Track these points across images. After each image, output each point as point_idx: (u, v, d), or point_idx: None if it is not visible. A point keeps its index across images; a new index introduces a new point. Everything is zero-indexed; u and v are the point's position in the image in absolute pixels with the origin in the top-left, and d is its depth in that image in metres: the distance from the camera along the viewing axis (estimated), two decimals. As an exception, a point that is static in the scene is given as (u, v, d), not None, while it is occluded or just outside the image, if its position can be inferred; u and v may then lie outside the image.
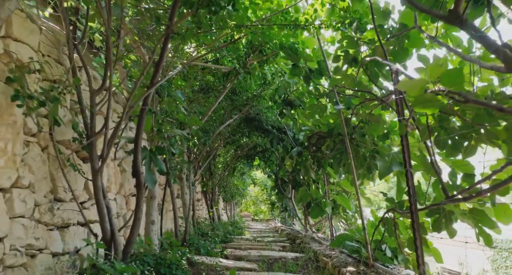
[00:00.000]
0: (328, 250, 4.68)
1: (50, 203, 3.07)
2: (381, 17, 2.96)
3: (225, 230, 9.28)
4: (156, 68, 3.29)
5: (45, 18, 3.51)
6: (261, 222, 25.35)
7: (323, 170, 5.03)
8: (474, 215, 2.38)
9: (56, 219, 3.12)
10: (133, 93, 3.07)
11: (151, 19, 3.39)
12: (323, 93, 4.13)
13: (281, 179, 10.00)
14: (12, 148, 2.62)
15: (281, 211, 13.43)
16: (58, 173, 3.16)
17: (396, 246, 3.33)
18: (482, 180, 2.04)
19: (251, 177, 18.95)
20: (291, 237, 8.03)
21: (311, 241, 6.11)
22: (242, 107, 7.08)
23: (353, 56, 3.31)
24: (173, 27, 3.23)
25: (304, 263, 4.43)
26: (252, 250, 5.71)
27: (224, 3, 3.39)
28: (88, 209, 3.70)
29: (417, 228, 2.45)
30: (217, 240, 6.11)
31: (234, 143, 10.12)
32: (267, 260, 4.76)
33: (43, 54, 3.14)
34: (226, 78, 5.66)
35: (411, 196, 2.52)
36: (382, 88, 3.28)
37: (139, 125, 3.32)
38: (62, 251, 3.21)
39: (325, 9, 3.82)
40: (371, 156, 3.74)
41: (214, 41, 4.23)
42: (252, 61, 5.23)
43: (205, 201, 10.76)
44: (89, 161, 3.09)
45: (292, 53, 4.16)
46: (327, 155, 4.69)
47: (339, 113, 3.66)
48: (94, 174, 3.02)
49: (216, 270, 3.72)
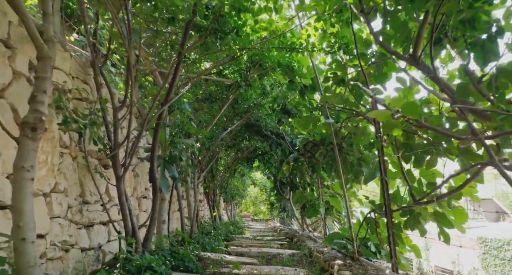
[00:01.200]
0: (321, 247, 5.17)
1: (80, 205, 3.56)
2: (363, 46, 3.45)
3: (227, 229, 9.76)
4: (169, 88, 3.78)
5: (70, 42, 4.02)
6: (260, 222, 25.84)
7: (317, 174, 5.53)
8: (436, 216, 2.88)
9: (84, 219, 3.61)
10: (151, 110, 3.56)
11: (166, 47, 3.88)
12: (316, 106, 4.63)
13: (280, 180, 10.49)
14: (51, 159, 3.11)
15: (280, 211, 13.91)
16: (85, 179, 3.65)
17: (378, 242, 3.83)
18: (436, 188, 2.54)
19: (250, 177, 19.44)
20: (289, 236, 8.53)
21: (307, 239, 6.60)
22: (243, 114, 7.58)
23: (341, 78, 3.81)
24: (184, 53, 3.73)
25: (300, 259, 4.92)
26: (252, 247, 6.21)
27: (229, 30, 3.90)
28: (109, 210, 4.19)
29: (390, 226, 2.95)
30: (221, 238, 6.60)
31: (235, 146, 10.61)
32: (266, 256, 5.26)
33: (72, 77, 3.63)
34: (229, 89, 6.16)
35: (386, 199, 3.01)
36: (365, 105, 3.78)
37: (155, 137, 3.81)
38: (88, 246, 3.70)
39: (318, 34, 4.32)
40: (357, 163, 4.24)
41: (219, 58, 4.71)
42: (253, 74, 5.72)
43: (207, 201, 11.25)
44: (113, 169, 3.58)
45: (289, 71, 4.66)
46: (320, 161, 5.19)
47: (329, 126, 4.16)
48: (118, 180, 3.51)
49: (221, 263, 4.22)
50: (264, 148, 10.39)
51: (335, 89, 3.97)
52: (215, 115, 6.14)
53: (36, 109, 2.22)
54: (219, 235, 7.24)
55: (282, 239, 8.69)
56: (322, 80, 4.04)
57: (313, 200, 5.78)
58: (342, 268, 3.46)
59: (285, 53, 4.31)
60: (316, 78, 4.43)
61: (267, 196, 20.62)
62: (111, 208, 4.26)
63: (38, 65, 2.36)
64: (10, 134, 2.19)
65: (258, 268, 4.15)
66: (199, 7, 3.64)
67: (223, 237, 7.27)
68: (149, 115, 3.60)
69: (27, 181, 2.13)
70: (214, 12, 3.73)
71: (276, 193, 11.06)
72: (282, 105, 6.56)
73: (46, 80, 2.32)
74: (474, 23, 1.90)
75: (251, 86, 5.93)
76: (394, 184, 3.93)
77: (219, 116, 5.95)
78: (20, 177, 2.11)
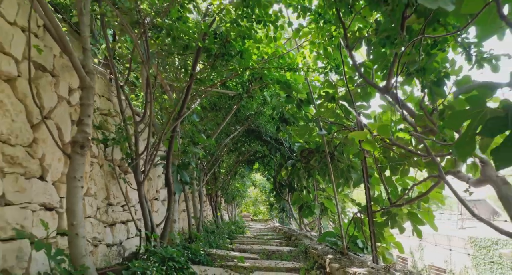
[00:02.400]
0: (316, 244, 5.73)
1: (106, 206, 4.12)
2: (351, 70, 4.01)
3: (229, 229, 10.32)
4: (182, 104, 4.35)
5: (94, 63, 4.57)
6: (260, 222, 26.38)
7: (313, 178, 6.09)
8: (410, 216, 3.43)
9: (109, 218, 4.16)
10: (167, 125, 4.12)
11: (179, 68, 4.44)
12: (311, 119, 5.19)
13: (279, 182, 11.05)
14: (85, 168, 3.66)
15: (279, 211, 14.46)
16: (110, 184, 4.21)
17: (364, 239, 4.39)
18: (405, 194, 3.10)
19: (250, 179, 19.99)
20: (287, 235, 9.09)
21: (304, 238, 7.16)
22: (244, 121, 8.15)
23: (332, 95, 4.37)
24: (195, 75, 4.29)
25: (297, 254, 5.48)
26: (254, 245, 6.77)
27: (234, 53, 4.46)
28: (127, 211, 4.74)
29: (371, 224, 3.51)
30: (225, 236, 7.17)
31: (237, 150, 11.17)
32: (267, 252, 5.81)
33: (99, 95, 4.19)
34: (232, 100, 6.73)
35: (368, 202, 3.58)
36: (353, 120, 4.34)
37: (170, 147, 4.37)
38: (112, 242, 4.25)
39: (312, 55, 4.89)
40: (347, 170, 4.80)
41: (224, 75, 5.27)
42: (254, 87, 6.29)
43: (210, 202, 11.81)
44: (134, 175, 4.14)
45: (286, 87, 5.23)
46: (315, 167, 5.75)
47: (323, 136, 4.72)
48: (139, 185, 4.07)
49: (227, 258, 4.77)
50: (264, 151, 10.96)
51: (327, 105, 4.53)
52: (219, 123, 6.71)
53: (83, 130, 2.78)
54: (222, 233, 7.80)
55: (281, 238, 9.25)
56: (316, 97, 4.60)
57: (309, 202, 6.34)
58: (332, 261, 4.02)
59: (283, 73, 4.87)
60: (311, 94, 4.99)
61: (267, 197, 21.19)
62: (129, 209, 4.81)
63: (82, 94, 2.91)
64: (63, 151, 2.75)
65: (260, 262, 4.70)
66: (209, 34, 4.20)
67: (226, 235, 7.83)
68: (165, 130, 4.15)
69: (78, 188, 2.68)
70: (222, 38, 4.29)
71: (276, 194, 11.62)
72: (280, 114, 7.12)
73: (90, 106, 2.88)
74: (425, 71, 2.46)
75: (252, 97, 6.49)
76: (379, 188, 4.49)
77: (223, 125, 6.50)
78: (73, 185, 2.66)
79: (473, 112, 1.62)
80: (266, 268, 4.24)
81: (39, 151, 2.90)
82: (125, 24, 3.70)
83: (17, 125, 2.66)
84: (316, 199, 6.43)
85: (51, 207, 3.09)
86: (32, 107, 2.80)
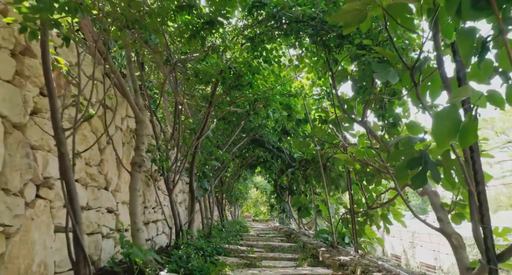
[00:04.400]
0: (312, 240, 6.76)
1: (143, 209, 5.15)
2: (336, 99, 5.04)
3: (234, 228, 11.35)
4: (203, 126, 5.38)
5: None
6: (261, 222, 27.38)
7: (309, 184, 7.13)
8: (382, 217, 4.46)
9: (145, 218, 5.19)
10: (193, 143, 5.15)
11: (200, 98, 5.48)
12: (307, 135, 6.23)
13: (280, 185, 12.10)
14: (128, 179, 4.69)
15: (280, 212, 15.49)
16: (146, 191, 5.24)
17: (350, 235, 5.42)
18: (376, 200, 4.13)
19: (252, 181, 21.03)
20: (288, 233, 10.12)
21: (302, 235, 8.19)
22: (249, 132, 9.19)
23: (324, 119, 5.40)
24: (214, 102, 5.33)
25: (296, 249, 6.50)
26: (259, 241, 7.80)
27: (245, 83, 5.50)
28: (157, 212, 5.78)
29: (353, 223, 4.54)
30: (233, 234, 8.21)
31: (241, 156, 12.21)
32: (270, 247, 6.84)
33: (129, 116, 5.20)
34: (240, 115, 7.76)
35: (351, 205, 4.61)
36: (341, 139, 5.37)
37: (193, 161, 5.40)
38: (147, 238, 5.28)
39: (308, 83, 5.93)
40: (337, 178, 5.84)
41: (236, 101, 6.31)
42: (259, 105, 7.33)
43: (216, 204, 12.83)
44: (165, 184, 5.16)
45: (287, 108, 6.27)
46: (311, 174, 6.79)
47: (317, 151, 5.76)
48: (169, 191, 5.09)
49: (238, 251, 5.80)
50: (266, 156, 12.01)
51: (321, 126, 5.57)
52: (229, 135, 7.74)
53: (140, 154, 3.80)
54: (230, 232, 8.84)
55: (282, 236, 10.28)
56: (311, 120, 5.65)
57: (306, 204, 7.37)
58: (324, 252, 5.05)
59: (285, 98, 5.92)
60: (307, 115, 6.03)
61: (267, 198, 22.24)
62: (158, 210, 5.85)
63: (137, 126, 3.94)
64: (127, 170, 3.78)
65: (265, 254, 5.74)
66: (225, 70, 5.23)
67: (234, 233, 8.88)
68: (190, 147, 5.19)
69: (137, 196, 3.71)
70: (235, 73, 5.32)
71: (276, 196, 12.66)
72: (282, 127, 8.16)
73: (143, 136, 3.91)
74: (384, 116, 3.48)
75: (257, 114, 7.53)
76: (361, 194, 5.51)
77: (233, 138, 7.54)
78: (134, 194, 3.69)
79: (405, 152, 2.66)
80: (271, 257, 5.27)
81: (105, 169, 3.93)
82: (159, 62, 4.73)
83: (93, 151, 3.69)
84: (313, 201, 7.46)
85: (112, 210, 4.12)
86: (98, 135, 3.83)
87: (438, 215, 3.09)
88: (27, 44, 2.73)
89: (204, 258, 3.82)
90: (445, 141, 1.89)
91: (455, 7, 1.72)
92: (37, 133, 2.78)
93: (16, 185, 2.47)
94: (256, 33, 4.66)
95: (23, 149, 2.59)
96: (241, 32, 4.80)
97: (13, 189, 2.43)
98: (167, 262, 3.45)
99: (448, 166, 2.62)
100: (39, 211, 2.74)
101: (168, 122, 6.46)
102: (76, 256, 2.47)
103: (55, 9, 1.97)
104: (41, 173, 2.77)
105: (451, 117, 1.85)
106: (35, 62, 2.79)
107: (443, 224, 3.00)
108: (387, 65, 3.20)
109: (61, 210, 3.05)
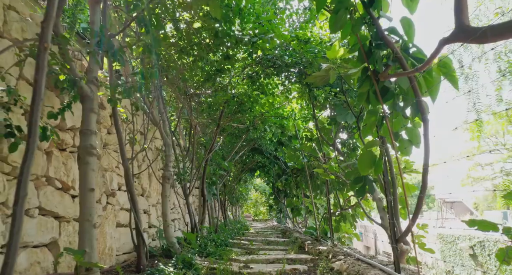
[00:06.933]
0: (302, 236, 8.10)
1: (165, 210, 6.47)
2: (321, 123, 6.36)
3: (235, 227, 12.69)
4: (212, 143, 6.71)
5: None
6: (260, 221, 28.75)
7: (300, 189, 8.46)
8: (352, 217, 5.79)
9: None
10: (204, 158, 6.49)
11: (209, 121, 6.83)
12: (297, 149, 7.58)
13: (277, 188, 13.44)
14: (157, 187, 6.03)
15: (277, 212, 16.83)
16: (167, 196, 6.56)
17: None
18: (344, 203, 5.45)
19: (252, 183, 22.37)
20: (283, 231, 11.47)
21: (295, 232, 9.53)
22: (249, 142, 10.53)
23: (310, 138, 6.74)
24: (222, 125, 6.67)
25: (288, 242, 7.85)
26: (258, 237, 9.14)
27: (246, 108, 6.84)
28: (174, 213, 7.11)
29: (330, 220, 5.87)
30: (236, 231, 9.55)
31: (242, 162, 13.55)
32: (267, 241, 8.17)
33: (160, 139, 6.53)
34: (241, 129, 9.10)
35: (328, 206, 5.94)
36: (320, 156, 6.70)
37: (204, 171, 6.74)
38: (168, 233, 6.60)
39: (297, 107, 7.27)
40: (321, 185, 7.17)
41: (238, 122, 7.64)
42: (258, 121, 8.66)
43: (219, 205, 14.15)
44: (182, 190, 6.49)
45: (281, 127, 7.61)
46: (301, 181, 8.12)
47: (305, 163, 7.08)
48: (186, 196, 6.43)
49: (240, 244, 7.13)
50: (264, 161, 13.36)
51: (306, 143, 6.91)
52: (233, 147, 9.08)
53: (168, 170, 5.13)
54: (232, 229, 10.18)
55: (278, 233, 11.62)
56: (300, 139, 6.99)
57: (298, 205, 8.70)
58: (309, 244, 6.39)
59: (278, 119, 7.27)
60: (296, 133, 7.37)
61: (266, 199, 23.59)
62: (175, 211, 7.19)
63: (165, 148, 5.27)
64: (159, 181, 5.10)
65: (263, 246, 7.08)
66: (230, 100, 6.56)
67: (236, 231, 10.23)
68: (202, 160, 6.53)
69: (168, 201, 5.04)
70: (238, 101, 6.66)
71: (274, 198, 14.01)
72: (277, 139, 9.50)
73: (170, 156, 5.24)
74: (346, 143, 4.82)
75: (256, 129, 8.87)
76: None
77: (235, 149, 8.88)
78: (165, 200, 5.02)
79: (353, 172, 3.99)
80: (267, 248, 6.61)
81: (142, 180, 5.28)
82: (178, 94, 6.06)
83: (135, 167, 5.03)
84: (303, 203, 8.80)
85: (146, 211, 5.46)
86: (140, 156, 5.16)
87: (381, 214, 4.43)
88: (100, 99, 4.08)
89: (216, 247, 5.16)
90: (366, 170, 3.23)
91: (365, 97, 3.06)
92: (106, 160, 4.12)
93: (98, 195, 3.81)
94: (254, 70, 5.99)
95: (100, 171, 3.93)
96: (243, 71, 6.14)
97: (97, 199, 3.77)
98: (190, 248, 4.78)
99: (380, 182, 3.96)
100: (108, 213, 4.08)
101: (181, 138, 7.81)
102: (137, 241, 3.80)
103: (131, 94, 3.30)
104: (110, 187, 4.12)
105: (368, 157, 3.20)
106: (105, 112, 4.13)
107: (383, 221, 4.33)
108: (347, 109, 4.54)
109: (120, 212, 4.39)
